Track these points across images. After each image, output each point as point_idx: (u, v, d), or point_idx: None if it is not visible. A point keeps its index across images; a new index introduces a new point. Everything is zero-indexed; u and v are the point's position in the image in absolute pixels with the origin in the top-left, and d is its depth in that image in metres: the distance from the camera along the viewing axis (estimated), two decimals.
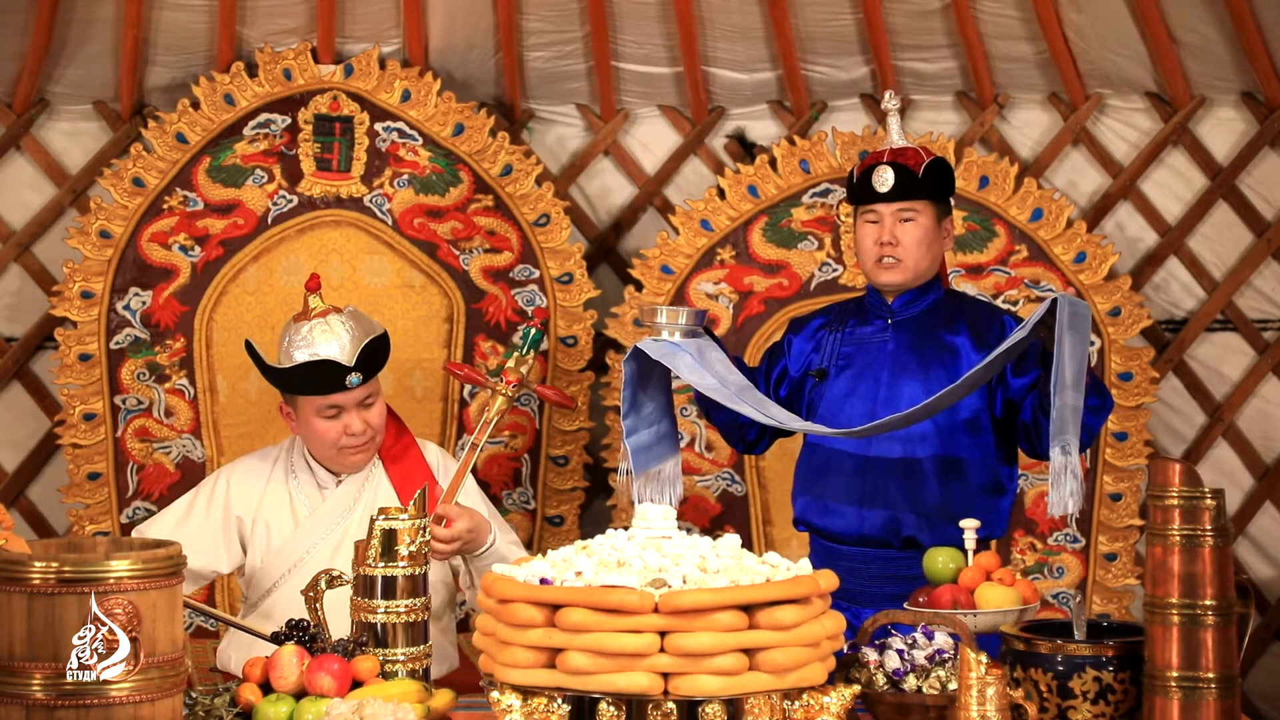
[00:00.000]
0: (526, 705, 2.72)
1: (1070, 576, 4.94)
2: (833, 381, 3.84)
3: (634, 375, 3.69)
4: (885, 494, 3.76)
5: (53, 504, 4.97)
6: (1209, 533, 2.80)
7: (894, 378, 3.79)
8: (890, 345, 3.82)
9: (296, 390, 3.86)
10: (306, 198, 4.92)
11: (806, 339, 3.94)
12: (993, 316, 3.84)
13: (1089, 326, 3.41)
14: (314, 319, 3.86)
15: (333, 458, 3.90)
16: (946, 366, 3.76)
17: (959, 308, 3.87)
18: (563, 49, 5.07)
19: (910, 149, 3.80)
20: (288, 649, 3.03)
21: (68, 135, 5.08)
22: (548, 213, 4.99)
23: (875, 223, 3.80)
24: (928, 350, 3.79)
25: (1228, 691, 2.79)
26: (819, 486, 3.84)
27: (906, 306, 3.83)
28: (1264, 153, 5.12)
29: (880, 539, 3.76)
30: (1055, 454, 3.31)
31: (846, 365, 3.85)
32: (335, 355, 3.80)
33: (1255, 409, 5.17)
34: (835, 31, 5.00)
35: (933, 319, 3.83)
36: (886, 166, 3.78)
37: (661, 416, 3.77)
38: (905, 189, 3.76)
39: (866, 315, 3.89)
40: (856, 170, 3.84)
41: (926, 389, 3.72)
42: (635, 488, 3.71)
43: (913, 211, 3.78)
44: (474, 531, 3.81)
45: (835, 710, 2.78)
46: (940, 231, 3.83)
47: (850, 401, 3.80)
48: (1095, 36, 4.95)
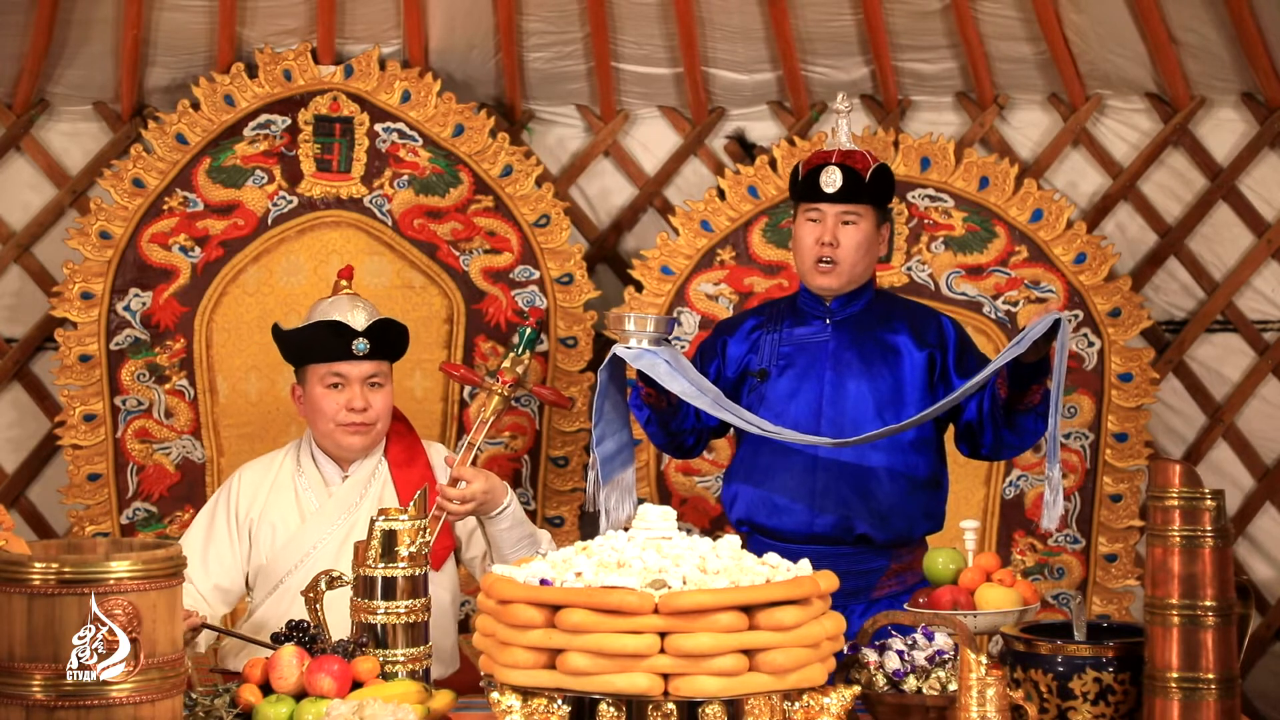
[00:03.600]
0: (526, 706, 2.72)
1: (1070, 577, 4.94)
2: (774, 382, 3.87)
3: (606, 384, 3.72)
4: (836, 493, 3.79)
5: (53, 505, 4.97)
6: (1209, 533, 2.80)
7: (838, 376, 3.83)
8: (831, 345, 3.87)
9: (307, 357, 3.90)
10: (306, 198, 4.93)
11: (741, 340, 3.95)
12: (929, 316, 3.92)
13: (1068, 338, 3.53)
14: (339, 295, 3.95)
15: (331, 435, 3.90)
16: (889, 364, 3.83)
17: (893, 307, 3.94)
18: (563, 50, 5.07)
19: (858, 153, 3.84)
20: (288, 650, 3.03)
21: (68, 136, 5.08)
22: (548, 213, 4.99)
23: (817, 221, 3.83)
24: (869, 348, 3.85)
25: (1228, 692, 2.79)
26: (766, 485, 3.85)
27: (844, 306, 3.88)
28: (1264, 153, 5.12)
29: (832, 537, 3.79)
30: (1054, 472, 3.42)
31: (788, 365, 3.88)
32: (350, 322, 3.86)
33: (1255, 410, 5.16)
34: (835, 32, 5.00)
35: (870, 318, 3.88)
36: (835, 167, 3.81)
37: (623, 426, 3.82)
38: (851, 192, 3.80)
39: (803, 316, 3.92)
40: (803, 168, 3.86)
41: (872, 387, 3.79)
42: (601, 496, 3.75)
43: (855, 215, 3.81)
44: (489, 493, 3.82)
45: (835, 711, 2.77)
46: (878, 237, 3.87)
47: (795, 402, 3.84)
48: (1095, 37, 4.95)
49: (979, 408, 3.75)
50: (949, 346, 3.84)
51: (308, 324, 3.91)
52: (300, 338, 3.91)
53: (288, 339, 3.96)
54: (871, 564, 3.78)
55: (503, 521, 3.86)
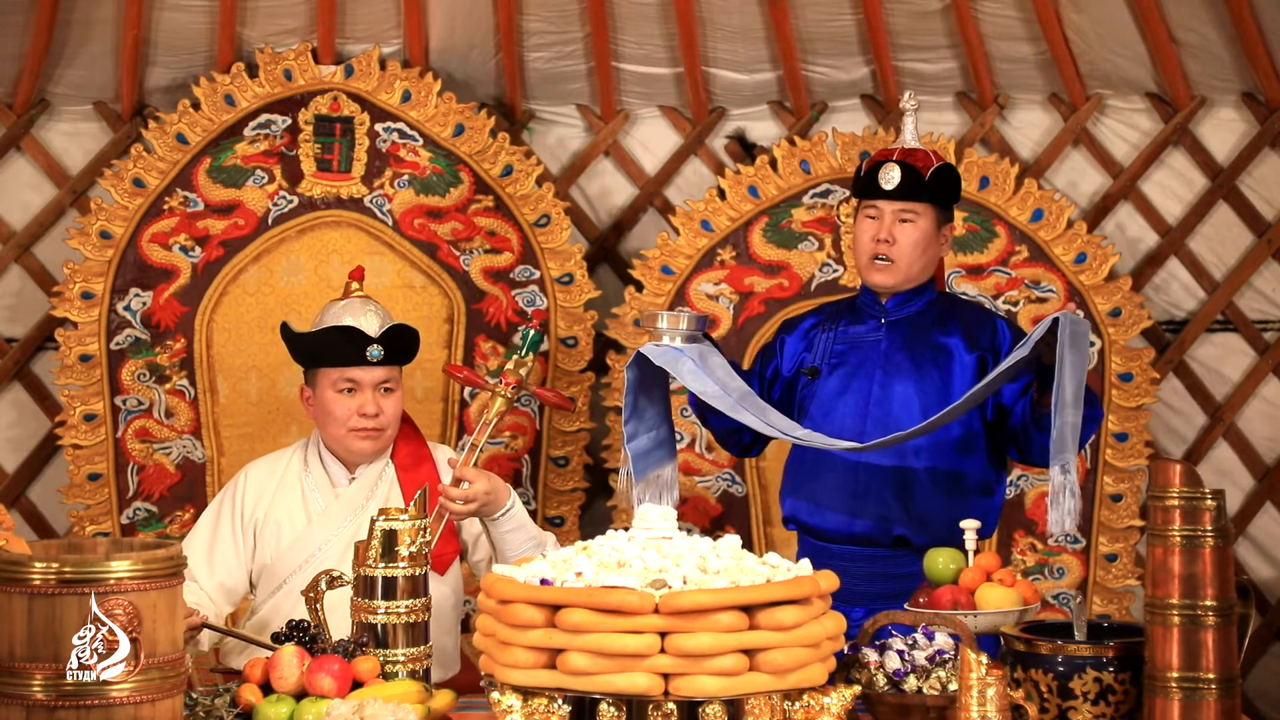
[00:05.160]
0: (527, 706, 2.72)
1: (1071, 577, 4.93)
2: (825, 380, 3.84)
3: (635, 381, 3.70)
4: (877, 495, 3.76)
5: (53, 504, 4.97)
6: (1209, 533, 2.80)
7: (887, 377, 3.79)
8: (883, 344, 3.83)
9: (319, 361, 3.89)
10: (307, 198, 4.93)
11: (799, 338, 3.94)
12: (985, 319, 3.85)
13: (1088, 342, 3.44)
14: (351, 298, 3.94)
15: (341, 439, 3.90)
16: (940, 367, 3.77)
17: (951, 309, 3.88)
18: (563, 49, 5.07)
19: (920, 150, 3.80)
20: (288, 649, 3.03)
21: (68, 136, 5.08)
22: (548, 213, 4.99)
23: (875, 219, 3.80)
24: (920, 350, 3.80)
25: (1228, 692, 2.79)
26: (810, 486, 3.84)
27: (900, 306, 3.84)
28: (1264, 153, 5.12)
29: (870, 538, 3.76)
30: (1055, 473, 3.33)
31: (839, 364, 3.85)
32: (364, 327, 3.86)
33: (1255, 409, 5.17)
34: (835, 32, 5.01)
35: (926, 320, 3.83)
36: (894, 164, 3.77)
37: (661, 422, 3.78)
38: (909, 189, 3.76)
39: (860, 314, 3.89)
40: (865, 164, 3.85)
41: (919, 389, 3.74)
42: (635, 492, 3.72)
43: (913, 213, 3.78)
44: (491, 494, 3.81)
45: (835, 711, 2.77)
46: (939, 237, 3.83)
47: (842, 400, 3.81)
48: (1095, 37, 4.95)
49: (1022, 413, 3.69)
50: (1001, 350, 3.76)
51: (321, 328, 3.90)
52: (313, 341, 3.90)
53: (300, 341, 3.95)
54: (909, 567, 3.67)
55: (506, 524, 3.85)
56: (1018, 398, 3.71)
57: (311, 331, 3.92)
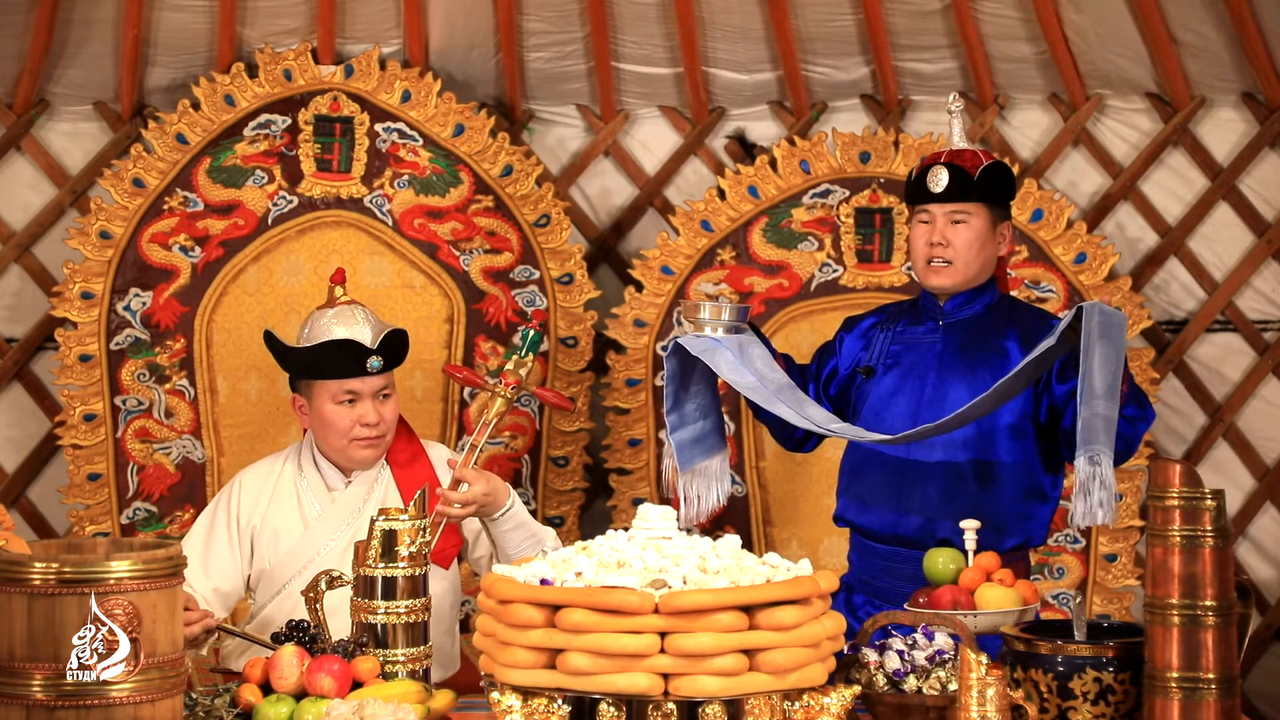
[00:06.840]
0: (527, 706, 2.71)
1: (1070, 577, 4.93)
2: (879, 379, 3.82)
3: (675, 371, 3.67)
4: (923, 496, 3.73)
5: (53, 504, 4.97)
6: (1209, 533, 2.80)
7: (941, 379, 3.76)
8: (939, 346, 3.80)
9: (317, 374, 3.86)
10: (307, 198, 4.93)
11: (858, 337, 3.92)
12: (1044, 321, 3.79)
13: (1124, 335, 3.39)
14: (339, 306, 3.90)
15: (343, 450, 3.89)
16: (994, 370, 3.70)
17: (1011, 313, 3.84)
18: (563, 49, 5.07)
19: (969, 151, 3.78)
20: (288, 649, 3.03)
21: (68, 136, 5.08)
22: (548, 213, 4.99)
23: (928, 223, 3.78)
24: (977, 353, 3.76)
25: (1228, 692, 2.79)
26: (858, 485, 3.83)
27: (959, 309, 3.81)
28: (1264, 153, 5.12)
29: (915, 540, 3.72)
30: (1082, 463, 3.29)
31: (894, 364, 3.83)
32: (359, 338, 3.83)
33: (1255, 409, 5.17)
34: (835, 32, 5.01)
35: (985, 322, 3.80)
36: (942, 167, 3.76)
37: (707, 412, 3.74)
38: (959, 190, 3.74)
39: (919, 316, 3.86)
40: (915, 170, 3.84)
41: (973, 391, 3.66)
42: (681, 484, 3.70)
43: (965, 214, 3.75)
44: (490, 494, 3.80)
45: (835, 711, 2.77)
46: (995, 235, 3.79)
47: (895, 400, 3.78)
48: (1095, 37, 4.95)
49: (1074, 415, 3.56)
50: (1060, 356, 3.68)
51: (318, 343, 3.85)
52: (309, 356, 3.86)
53: (294, 356, 3.91)
54: None
55: (506, 523, 3.85)
56: (1069, 399, 3.62)
57: (308, 347, 3.87)
